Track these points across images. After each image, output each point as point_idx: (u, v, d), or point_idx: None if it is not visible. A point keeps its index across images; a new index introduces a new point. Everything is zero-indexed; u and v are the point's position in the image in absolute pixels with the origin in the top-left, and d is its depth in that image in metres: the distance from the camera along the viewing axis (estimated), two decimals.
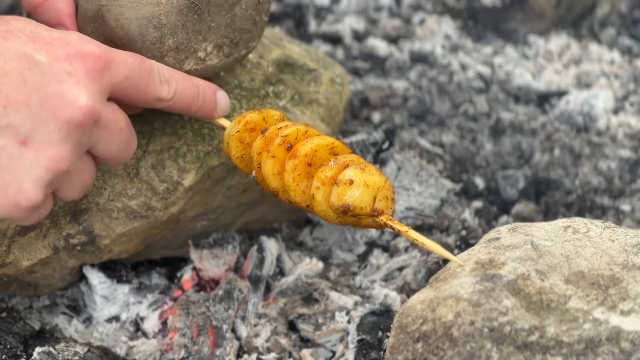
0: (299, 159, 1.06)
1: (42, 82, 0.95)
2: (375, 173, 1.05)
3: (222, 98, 1.12)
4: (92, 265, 1.18)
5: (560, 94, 1.47)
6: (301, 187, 1.06)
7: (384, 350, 1.12)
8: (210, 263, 1.21)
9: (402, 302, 1.17)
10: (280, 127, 1.08)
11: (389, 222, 1.04)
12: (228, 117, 1.14)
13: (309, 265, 1.21)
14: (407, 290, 1.19)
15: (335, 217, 1.05)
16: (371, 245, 1.26)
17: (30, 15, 1.09)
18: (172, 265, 1.23)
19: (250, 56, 1.22)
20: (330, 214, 1.05)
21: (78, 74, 0.96)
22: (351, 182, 1.03)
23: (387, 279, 1.22)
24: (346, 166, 1.05)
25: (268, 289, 1.21)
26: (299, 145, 1.06)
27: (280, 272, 1.22)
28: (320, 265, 1.21)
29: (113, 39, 1.07)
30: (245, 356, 1.15)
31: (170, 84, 1.05)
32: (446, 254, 1.02)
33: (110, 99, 1.00)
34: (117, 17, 1.06)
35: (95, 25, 1.07)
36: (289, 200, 1.07)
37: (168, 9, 1.06)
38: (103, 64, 0.98)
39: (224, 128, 1.12)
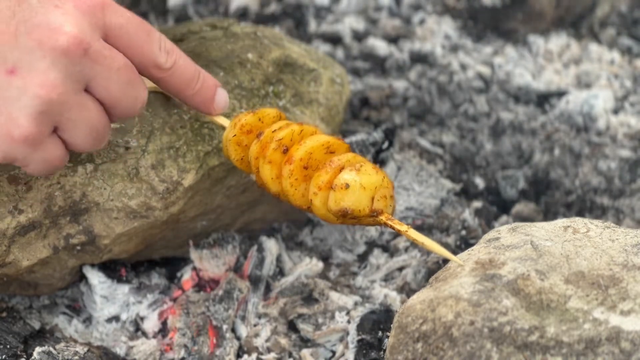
0: (295, 163, 1.06)
1: (30, 14, 0.95)
2: (372, 172, 1.04)
3: (222, 95, 1.11)
4: (92, 265, 1.18)
5: (560, 94, 1.47)
6: (300, 190, 1.06)
7: (384, 350, 1.12)
8: (210, 263, 1.21)
9: (402, 302, 1.17)
10: (275, 130, 1.08)
11: (389, 222, 1.04)
12: (228, 116, 1.14)
13: (309, 265, 1.21)
14: (407, 290, 1.19)
15: (336, 219, 1.06)
16: (371, 245, 1.26)
17: None
18: (172, 265, 1.23)
19: (250, 56, 1.22)
20: (330, 217, 1.05)
21: (66, 7, 0.96)
22: (347, 186, 1.03)
23: (387, 279, 1.22)
24: (342, 168, 1.05)
25: (268, 289, 1.21)
26: (293, 149, 1.06)
27: (280, 272, 1.22)
28: (320, 265, 1.21)
29: None
30: (245, 356, 1.15)
31: (170, 55, 1.04)
32: (446, 253, 1.02)
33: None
34: None
35: None
36: (290, 203, 1.08)
37: None
38: (96, 3, 0.98)
39: (224, 128, 1.12)
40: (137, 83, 1.01)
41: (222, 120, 1.13)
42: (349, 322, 1.16)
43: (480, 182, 1.34)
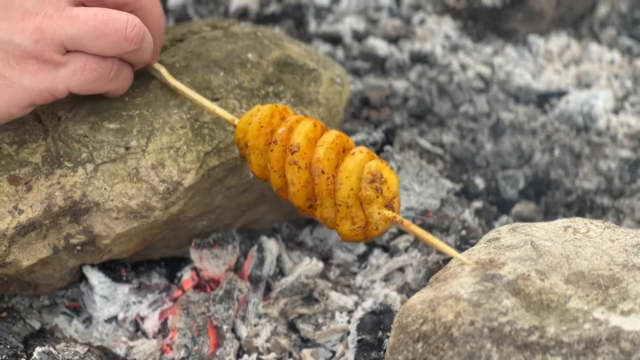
0: (336, 199, 1.06)
1: None
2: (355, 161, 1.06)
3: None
4: (92, 265, 1.18)
5: (560, 94, 1.47)
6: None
7: (384, 350, 1.12)
8: (210, 263, 1.21)
9: (402, 302, 1.17)
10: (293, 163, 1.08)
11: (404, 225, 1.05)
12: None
13: (309, 266, 1.21)
14: (407, 290, 1.19)
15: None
16: (371, 245, 1.26)
17: None
18: (172, 265, 1.23)
19: (250, 56, 1.22)
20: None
21: None
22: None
23: (387, 279, 1.22)
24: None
25: (268, 289, 1.21)
26: (322, 188, 1.06)
27: (280, 272, 1.22)
28: (320, 265, 1.21)
29: None
30: (245, 356, 1.15)
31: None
32: (452, 251, 1.02)
33: None
34: None
35: None
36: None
37: None
38: None
39: (228, 123, 1.13)
40: None
41: (226, 115, 1.13)
42: (349, 322, 1.16)
43: (480, 182, 1.34)
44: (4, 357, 1.11)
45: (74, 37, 1.05)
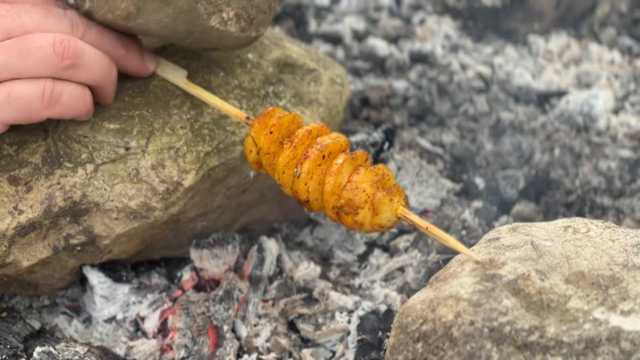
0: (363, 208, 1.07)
1: None
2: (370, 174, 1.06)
3: (151, 56, 1.13)
4: (92, 266, 1.18)
5: (560, 94, 1.47)
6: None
7: (384, 350, 1.12)
8: (210, 263, 1.21)
9: (402, 302, 1.17)
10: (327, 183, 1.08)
11: (408, 216, 1.05)
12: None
13: (307, 270, 1.21)
14: (407, 290, 1.19)
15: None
16: (371, 245, 1.26)
17: None
18: (172, 265, 1.23)
19: (250, 56, 1.22)
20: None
21: None
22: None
23: (387, 279, 1.22)
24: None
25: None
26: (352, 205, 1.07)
27: (280, 272, 1.22)
28: (318, 270, 1.21)
29: None
30: (245, 356, 1.15)
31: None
32: (465, 250, 1.02)
33: None
34: None
35: None
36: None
37: None
38: None
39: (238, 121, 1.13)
40: None
41: (236, 112, 1.13)
42: (349, 322, 1.16)
43: (480, 182, 1.34)
44: (4, 357, 1.11)
45: (3, 64, 1.04)
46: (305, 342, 1.16)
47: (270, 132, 1.09)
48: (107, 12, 1.07)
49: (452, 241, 1.03)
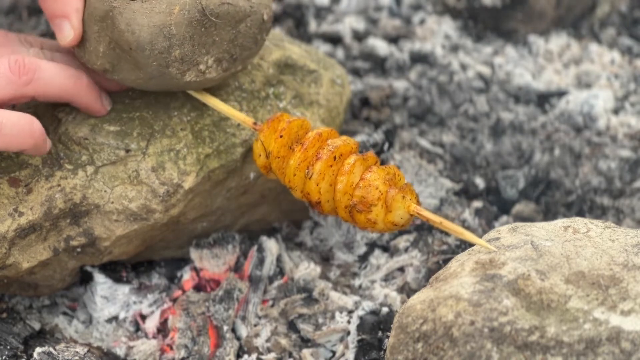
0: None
1: None
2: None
3: (106, 98, 1.14)
4: (92, 266, 1.18)
5: (560, 94, 1.47)
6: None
7: (384, 350, 1.12)
8: (210, 263, 1.21)
9: (402, 302, 1.17)
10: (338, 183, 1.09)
11: (421, 212, 1.06)
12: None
13: (307, 270, 1.21)
14: (407, 290, 1.20)
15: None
16: (371, 245, 1.26)
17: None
18: (172, 265, 1.23)
19: None
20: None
21: None
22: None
23: (387, 279, 1.22)
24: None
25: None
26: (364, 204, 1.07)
27: (280, 272, 1.22)
28: (318, 270, 1.21)
29: (120, 42, 1.07)
30: (246, 356, 1.15)
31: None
32: (481, 242, 1.03)
33: None
34: (128, 22, 1.06)
35: (103, 25, 1.07)
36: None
37: (179, 20, 1.06)
38: None
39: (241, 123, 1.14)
40: None
41: (243, 117, 1.13)
42: (349, 322, 1.16)
43: (480, 182, 1.34)
44: (4, 357, 1.11)
45: None
46: (305, 342, 1.16)
47: (281, 136, 1.09)
48: (87, 63, 1.11)
49: (467, 234, 1.03)
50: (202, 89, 1.14)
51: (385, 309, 1.15)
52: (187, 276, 1.21)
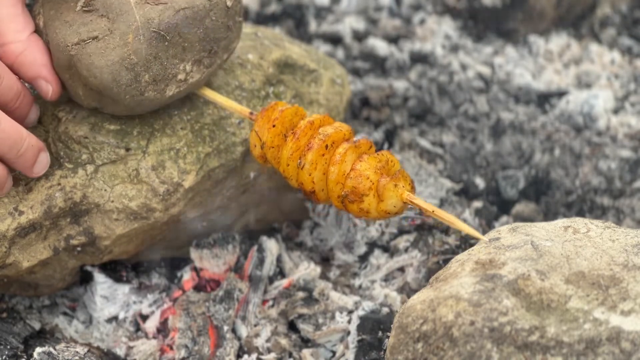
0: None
1: None
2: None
3: (44, 159, 1.11)
4: (93, 266, 1.18)
5: (560, 94, 1.47)
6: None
7: (384, 350, 1.12)
8: (211, 263, 1.21)
9: (402, 302, 1.17)
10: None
11: (414, 200, 1.05)
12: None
13: (307, 270, 1.21)
14: (407, 290, 1.20)
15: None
16: (372, 245, 1.26)
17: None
18: (172, 265, 1.23)
19: (251, 57, 1.22)
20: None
21: None
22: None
23: (387, 279, 1.22)
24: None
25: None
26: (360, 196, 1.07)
27: (280, 272, 1.22)
28: (318, 270, 1.21)
29: (89, 86, 1.07)
30: (246, 356, 1.15)
31: None
32: (473, 231, 1.03)
33: None
34: (88, 67, 1.05)
35: (71, 72, 1.07)
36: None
37: (137, 47, 1.06)
38: None
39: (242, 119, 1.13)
40: None
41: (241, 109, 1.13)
42: (349, 322, 1.16)
43: (480, 182, 1.34)
44: (4, 357, 1.11)
45: None
46: (306, 342, 1.16)
47: (273, 126, 1.09)
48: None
49: (459, 223, 1.03)
50: (193, 91, 1.13)
51: (385, 309, 1.15)
52: (187, 276, 1.21)
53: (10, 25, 1.08)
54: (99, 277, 1.18)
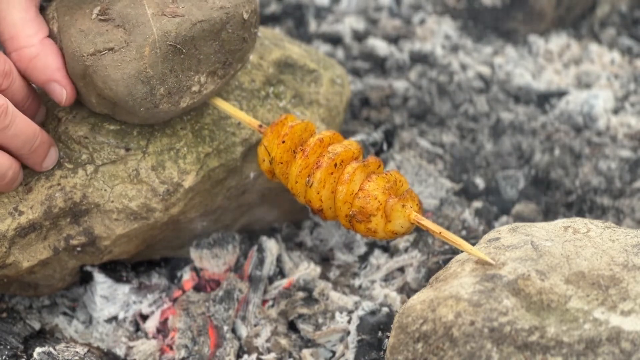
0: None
1: None
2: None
3: (53, 154, 1.11)
4: (92, 266, 1.18)
5: (560, 94, 1.47)
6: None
7: (384, 350, 1.12)
8: (211, 263, 1.21)
9: (402, 302, 1.17)
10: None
11: (420, 221, 1.05)
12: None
13: (307, 270, 1.21)
14: (407, 290, 1.20)
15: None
16: (371, 245, 1.26)
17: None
18: (172, 265, 1.23)
19: (251, 57, 1.22)
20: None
21: None
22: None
23: (387, 279, 1.22)
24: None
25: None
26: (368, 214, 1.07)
27: (280, 273, 1.22)
28: (318, 270, 1.21)
29: (104, 97, 1.07)
30: (246, 356, 1.15)
31: (4, 117, 1.05)
32: (480, 254, 1.01)
33: None
34: (103, 79, 1.05)
35: (85, 81, 1.07)
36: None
37: (153, 60, 1.05)
38: None
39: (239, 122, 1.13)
40: None
41: (243, 116, 1.13)
42: (349, 322, 1.16)
43: (480, 182, 1.34)
44: (4, 357, 1.11)
45: None
46: (305, 342, 1.16)
47: (283, 142, 1.09)
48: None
49: (466, 246, 1.02)
50: (206, 102, 1.13)
51: (385, 309, 1.15)
52: (187, 276, 1.21)
53: (23, 30, 1.07)
54: (99, 277, 1.18)
